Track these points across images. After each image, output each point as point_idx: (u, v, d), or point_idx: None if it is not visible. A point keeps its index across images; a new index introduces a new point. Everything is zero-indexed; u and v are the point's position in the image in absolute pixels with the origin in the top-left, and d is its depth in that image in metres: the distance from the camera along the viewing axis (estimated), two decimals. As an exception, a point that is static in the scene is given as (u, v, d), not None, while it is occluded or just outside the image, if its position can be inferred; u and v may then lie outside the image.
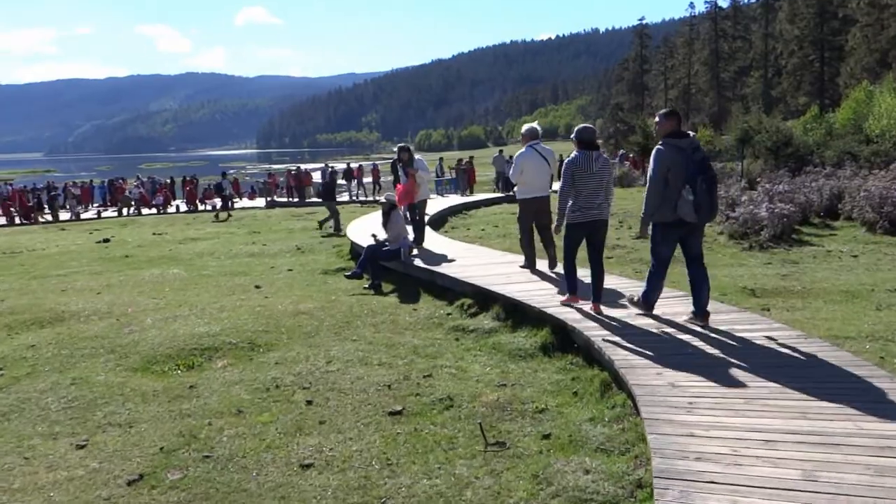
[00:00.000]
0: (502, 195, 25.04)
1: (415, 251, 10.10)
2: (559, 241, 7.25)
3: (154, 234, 18.99)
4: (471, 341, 6.51)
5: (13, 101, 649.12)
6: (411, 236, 10.44)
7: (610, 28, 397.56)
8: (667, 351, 4.97)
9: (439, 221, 16.64)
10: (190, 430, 4.66)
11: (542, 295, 6.98)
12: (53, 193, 34.46)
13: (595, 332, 5.53)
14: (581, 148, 6.40)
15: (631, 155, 37.24)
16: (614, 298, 6.79)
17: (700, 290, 5.83)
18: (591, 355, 5.37)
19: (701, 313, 5.81)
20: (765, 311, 6.98)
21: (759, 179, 19.07)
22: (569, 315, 6.11)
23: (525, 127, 8.60)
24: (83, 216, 31.89)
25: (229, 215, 25.31)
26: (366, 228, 12.06)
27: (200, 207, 33.48)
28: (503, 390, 5.09)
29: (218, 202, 33.92)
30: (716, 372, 4.45)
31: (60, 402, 5.31)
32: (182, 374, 6.00)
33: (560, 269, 7.46)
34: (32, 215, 29.58)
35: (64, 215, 31.76)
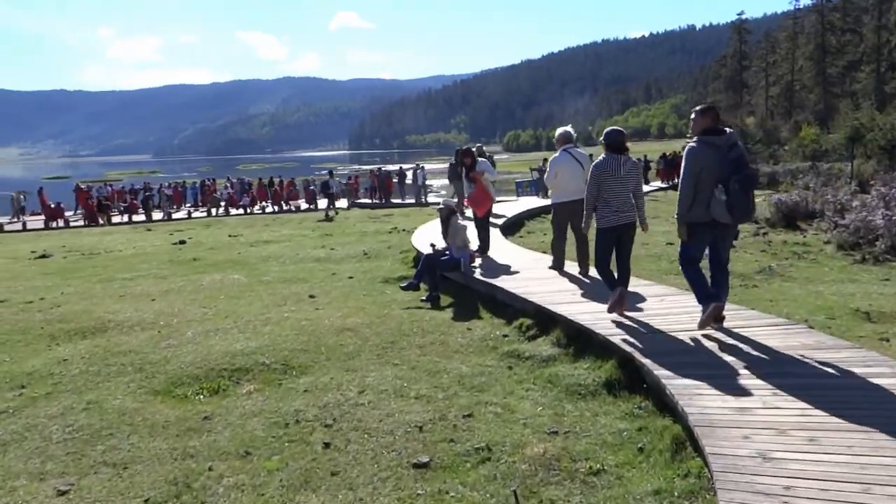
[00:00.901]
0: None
1: (478, 260, 9.31)
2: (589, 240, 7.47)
3: (230, 235, 18.92)
4: (525, 371, 5.67)
5: (124, 106, 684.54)
6: (475, 245, 9.67)
7: (707, 24, 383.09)
8: (759, 403, 3.98)
9: (515, 226, 15.78)
10: (186, 475, 4.04)
11: (610, 319, 6.06)
12: (147, 194, 35.43)
13: (669, 372, 4.58)
14: (609, 151, 6.30)
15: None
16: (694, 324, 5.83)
17: (723, 292, 5.67)
18: (663, 400, 4.44)
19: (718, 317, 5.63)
20: (883, 343, 5.86)
21: (871, 182, 17.36)
22: (638, 347, 5.17)
23: (559, 131, 8.57)
24: (175, 216, 32.60)
25: (336, 213, 25.50)
26: (432, 235, 11.36)
27: (285, 208, 33.82)
28: (553, 440, 4.24)
29: (302, 203, 34.26)
30: (823, 439, 3.43)
31: (65, 432, 4.81)
32: (203, 399, 5.43)
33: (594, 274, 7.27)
34: (98, 216, 30.28)
35: (157, 215, 32.61)
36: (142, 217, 32.19)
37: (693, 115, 5.57)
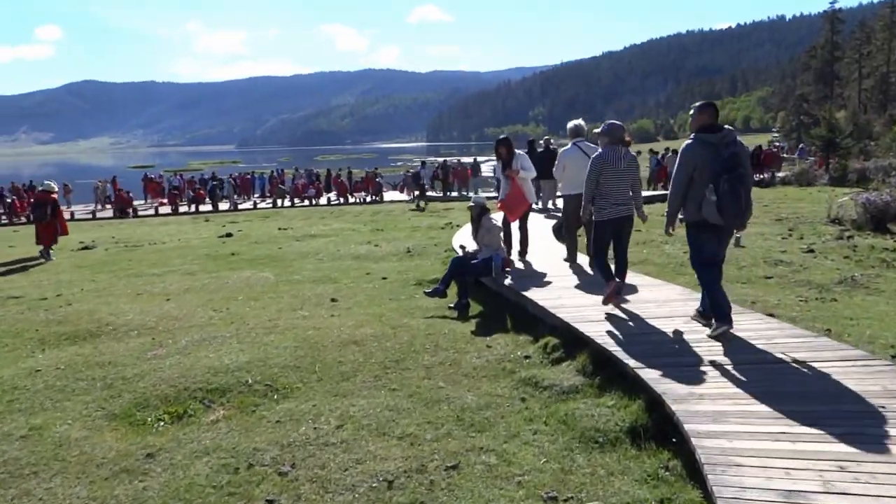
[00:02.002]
0: (658, 193, 23.51)
1: (518, 263, 8.38)
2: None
3: (280, 228, 18.47)
4: (539, 405, 4.74)
5: (210, 98, 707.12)
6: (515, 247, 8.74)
7: (798, 14, 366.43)
8: (819, 485, 2.94)
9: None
10: (90, 536, 3.31)
11: (647, 344, 5.06)
12: (214, 184, 35.69)
13: (704, 426, 3.58)
14: (609, 143, 6.34)
15: (813, 149, 32.96)
16: (754, 356, 4.77)
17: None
18: (695, 463, 3.45)
19: (706, 312, 5.58)
20: None
21: (977, 181, 15.50)
22: (673, 386, 4.16)
23: (570, 124, 8.73)
24: (241, 207, 32.71)
25: (426, 203, 25.31)
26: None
27: (351, 200, 33.51)
28: (548, 511, 3.33)
29: (364, 195, 33.88)
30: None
31: (-12, 466, 4.16)
32: (161, 428, 4.71)
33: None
34: (129, 209, 30.42)
35: (225, 205, 32.81)
36: (209, 207, 32.43)
37: (692, 112, 5.43)
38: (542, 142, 17.51)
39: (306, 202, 33.63)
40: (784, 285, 8.29)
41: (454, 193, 32.51)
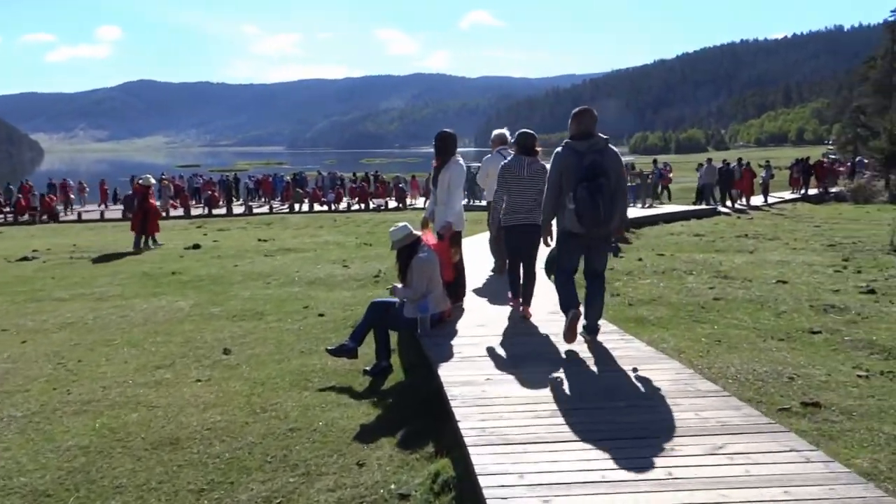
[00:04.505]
0: (699, 208, 21.80)
1: (463, 308, 6.16)
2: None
3: (259, 239, 16.51)
4: None
5: (262, 100, 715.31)
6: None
7: (857, 25, 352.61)
8: None
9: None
10: None
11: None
12: (228, 186, 34.28)
13: None
14: (517, 153, 6.34)
15: (873, 162, 30.09)
16: None
17: (591, 307, 5.37)
18: None
19: (590, 331, 5.39)
20: None
21: None
22: None
23: (494, 133, 8.83)
24: (256, 210, 31.23)
25: None
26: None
27: (372, 206, 31.76)
28: None
29: (384, 201, 32.00)
30: None
31: None
32: None
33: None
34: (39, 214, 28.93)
35: (239, 209, 31.40)
36: (222, 210, 30.96)
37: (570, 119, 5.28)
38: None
39: (325, 207, 31.95)
40: (836, 346, 6.06)
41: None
